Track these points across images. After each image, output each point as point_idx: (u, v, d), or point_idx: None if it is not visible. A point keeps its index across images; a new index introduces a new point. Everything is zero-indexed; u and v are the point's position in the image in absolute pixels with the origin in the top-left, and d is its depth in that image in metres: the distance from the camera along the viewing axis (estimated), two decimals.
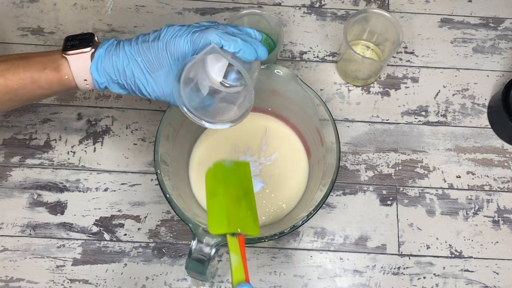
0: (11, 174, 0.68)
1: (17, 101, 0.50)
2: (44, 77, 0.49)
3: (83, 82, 0.50)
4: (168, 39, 0.47)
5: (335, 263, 0.65)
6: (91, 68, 0.49)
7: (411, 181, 0.69)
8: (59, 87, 0.50)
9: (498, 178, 0.70)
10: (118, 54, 0.48)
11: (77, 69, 0.49)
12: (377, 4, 0.80)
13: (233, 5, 0.79)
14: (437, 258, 0.66)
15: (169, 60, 0.47)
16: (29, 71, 0.48)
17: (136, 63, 0.48)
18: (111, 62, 0.48)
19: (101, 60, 0.49)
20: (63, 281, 0.63)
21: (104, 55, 0.49)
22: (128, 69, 0.48)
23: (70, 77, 0.49)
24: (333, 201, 0.68)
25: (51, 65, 0.49)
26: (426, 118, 0.73)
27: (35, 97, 0.51)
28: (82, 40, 0.49)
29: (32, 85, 0.49)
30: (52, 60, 0.49)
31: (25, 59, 0.49)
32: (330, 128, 0.57)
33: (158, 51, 0.47)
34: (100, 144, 0.70)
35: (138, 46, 0.48)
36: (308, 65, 0.76)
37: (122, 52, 0.48)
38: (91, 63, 0.48)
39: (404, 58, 0.77)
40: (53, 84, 0.49)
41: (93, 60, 0.49)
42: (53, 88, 0.50)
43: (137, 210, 0.67)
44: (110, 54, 0.48)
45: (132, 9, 0.79)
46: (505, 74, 0.76)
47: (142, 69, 0.48)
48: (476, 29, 0.79)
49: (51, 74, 0.49)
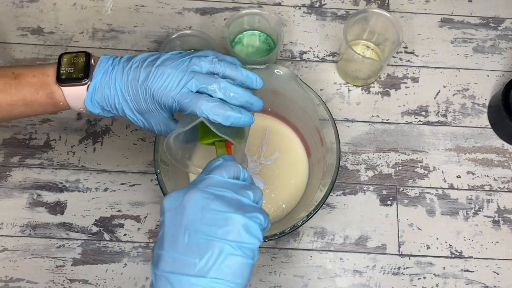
0: (11, 174, 0.68)
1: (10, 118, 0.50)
2: (37, 102, 0.48)
3: (78, 109, 0.49)
4: (156, 89, 0.45)
5: (335, 263, 0.65)
6: (86, 102, 0.48)
7: (411, 181, 0.69)
8: (53, 110, 0.49)
9: (498, 178, 0.70)
10: (109, 88, 0.47)
11: (73, 101, 0.48)
12: (377, 4, 0.80)
13: (233, 5, 0.79)
14: (437, 258, 0.66)
15: (156, 107, 0.46)
16: (21, 93, 0.47)
17: (126, 102, 0.47)
18: (103, 95, 0.47)
19: (95, 93, 0.47)
20: (63, 281, 0.63)
21: (98, 87, 0.47)
22: (118, 106, 0.47)
23: (64, 104, 0.49)
24: (333, 201, 0.68)
25: (45, 90, 0.47)
26: (426, 118, 0.73)
27: (28, 115, 0.50)
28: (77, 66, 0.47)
29: (25, 107, 0.48)
30: (46, 84, 0.47)
31: (17, 79, 0.47)
32: (330, 128, 0.57)
33: (146, 96, 0.46)
34: (100, 144, 0.70)
35: (128, 83, 0.46)
36: (308, 65, 0.76)
37: (113, 87, 0.47)
38: (85, 96, 0.47)
39: (404, 58, 0.77)
40: (46, 107, 0.49)
41: (87, 93, 0.47)
42: (46, 110, 0.49)
43: (137, 210, 0.67)
44: (102, 87, 0.47)
45: (132, 9, 0.79)
46: (505, 74, 0.76)
47: (132, 108, 0.47)
48: (476, 29, 0.79)
49: (45, 99, 0.48)
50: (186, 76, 0.45)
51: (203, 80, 0.45)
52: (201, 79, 0.45)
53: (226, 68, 0.46)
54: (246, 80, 0.47)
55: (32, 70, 0.48)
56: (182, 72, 0.45)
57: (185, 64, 0.45)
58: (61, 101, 0.48)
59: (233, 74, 0.46)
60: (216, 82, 0.45)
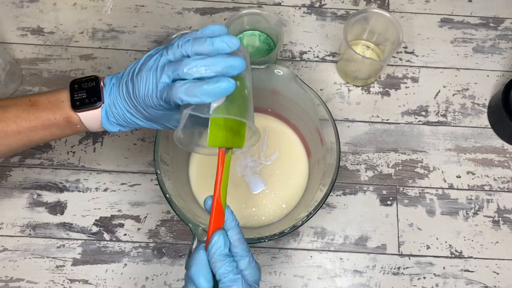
0: (11, 174, 0.68)
1: (30, 144, 0.51)
2: (56, 125, 0.49)
3: (97, 130, 0.51)
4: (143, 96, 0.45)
5: (335, 263, 0.65)
6: (103, 124, 0.49)
7: (411, 181, 0.69)
8: (71, 132, 0.50)
9: (498, 178, 0.70)
10: (115, 106, 0.48)
11: (90, 123, 0.49)
12: (377, 4, 0.80)
13: (233, 5, 0.79)
14: (437, 258, 0.66)
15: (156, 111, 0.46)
16: (39, 119, 0.48)
17: (132, 115, 0.48)
18: (114, 114, 0.48)
19: (108, 115, 0.49)
20: (63, 281, 0.63)
21: (108, 108, 0.49)
22: (130, 120, 0.48)
23: (82, 127, 0.50)
24: (333, 201, 0.68)
25: (61, 115, 0.49)
26: (426, 118, 0.73)
27: (48, 140, 0.51)
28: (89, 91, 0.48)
29: (44, 131, 0.49)
30: (62, 109, 0.49)
31: (34, 106, 0.49)
32: (330, 128, 0.57)
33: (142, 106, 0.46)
34: (100, 144, 0.70)
35: (125, 99, 0.47)
36: (308, 65, 0.76)
37: (118, 105, 0.48)
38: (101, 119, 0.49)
39: (404, 58, 0.77)
40: (65, 130, 0.50)
41: (102, 115, 0.49)
42: (65, 133, 0.50)
43: (137, 210, 0.67)
44: (111, 107, 0.48)
45: (132, 9, 0.79)
46: (505, 74, 0.76)
47: (139, 118, 0.48)
48: (476, 29, 0.79)
49: (63, 123, 0.49)
50: (159, 71, 0.45)
51: (173, 67, 0.44)
52: (171, 68, 0.44)
53: (194, 45, 0.45)
54: (219, 46, 0.45)
55: (47, 97, 0.49)
56: (155, 70, 0.45)
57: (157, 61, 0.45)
58: (78, 123, 0.49)
59: (203, 48, 0.44)
60: (184, 65, 0.44)
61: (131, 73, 0.47)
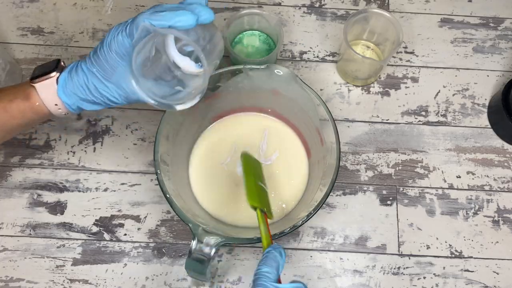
0: (11, 174, 0.68)
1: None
2: (16, 106, 0.50)
3: (54, 107, 0.51)
4: (110, 41, 0.46)
5: (335, 263, 0.65)
6: (58, 92, 0.49)
7: (411, 181, 0.69)
8: (32, 115, 0.51)
9: (498, 178, 0.70)
10: (78, 72, 0.49)
11: (46, 95, 0.50)
12: (377, 4, 0.80)
13: (233, 5, 0.79)
14: (437, 258, 0.66)
15: (117, 60, 0.47)
16: (1, 101, 0.50)
17: (94, 75, 0.48)
18: (74, 81, 0.49)
19: (66, 82, 0.49)
20: (63, 281, 0.63)
21: (67, 76, 0.49)
22: (89, 84, 0.48)
23: (41, 104, 0.50)
24: (333, 201, 0.68)
25: (21, 94, 0.50)
26: (426, 118, 0.73)
27: (12, 128, 0.52)
28: (47, 67, 0.50)
29: (5, 114, 0.50)
30: (22, 89, 0.50)
31: (0, 91, 0.50)
32: (330, 128, 0.57)
33: (106, 55, 0.47)
34: (100, 144, 0.70)
35: (91, 59, 0.48)
36: (308, 65, 0.76)
37: (80, 68, 0.49)
38: (57, 87, 0.49)
39: (404, 58, 0.77)
40: (26, 113, 0.50)
41: (58, 85, 0.49)
42: (26, 116, 0.51)
43: (137, 210, 0.67)
44: (72, 74, 0.49)
45: (132, 9, 0.79)
46: (505, 74, 0.76)
47: (100, 78, 0.48)
48: (476, 29, 0.79)
49: (22, 103, 0.50)
50: (131, 19, 0.46)
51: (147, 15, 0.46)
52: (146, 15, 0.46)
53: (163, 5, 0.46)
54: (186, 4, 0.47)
55: (12, 85, 0.52)
56: (127, 21, 0.47)
57: (128, 20, 0.47)
58: (37, 100, 0.50)
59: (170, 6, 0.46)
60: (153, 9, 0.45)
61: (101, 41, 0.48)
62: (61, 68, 0.50)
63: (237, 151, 0.66)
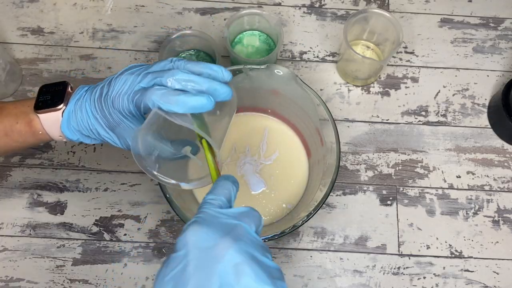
0: (11, 174, 0.68)
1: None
2: (17, 131, 0.48)
3: (58, 137, 0.49)
4: (114, 97, 0.44)
5: (335, 263, 0.65)
6: (62, 127, 0.47)
7: (411, 181, 0.69)
8: (34, 141, 0.49)
9: (498, 178, 0.70)
10: (82, 110, 0.46)
11: (50, 127, 0.48)
12: (377, 4, 0.80)
13: (233, 5, 0.79)
14: (437, 258, 0.66)
15: (121, 117, 0.45)
16: (2, 124, 0.48)
17: (97, 121, 0.46)
18: (78, 119, 0.47)
19: (70, 118, 0.47)
20: (63, 281, 0.63)
21: (72, 112, 0.47)
22: (92, 128, 0.47)
23: (43, 133, 0.49)
24: (333, 201, 0.68)
25: (24, 119, 0.48)
26: (426, 118, 0.73)
27: (11, 149, 0.50)
28: (54, 94, 0.48)
29: (6, 138, 0.48)
30: (25, 113, 0.48)
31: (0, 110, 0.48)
32: (330, 128, 0.57)
33: (109, 108, 0.45)
34: (100, 144, 0.70)
35: (95, 103, 0.46)
36: (308, 65, 0.76)
37: (84, 109, 0.46)
38: (61, 122, 0.47)
39: (404, 58, 0.77)
40: (27, 138, 0.49)
41: (62, 119, 0.47)
42: (27, 141, 0.49)
43: (137, 210, 0.67)
44: (76, 111, 0.47)
45: (132, 9, 0.79)
46: (505, 74, 0.76)
47: (103, 126, 0.46)
48: (476, 29, 0.79)
49: (24, 128, 0.48)
50: (141, 76, 0.43)
51: (157, 74, 0.42)
52: (155, 74, 0.42)
53: (188, 63, 0.43)
54: (212, 73, 0.43)
55: (15, 103, 0.49)
56: (137, 75, 0.43)
57: (143, 68, 0.44)
58: (40, 129, 0.48)
59: (196, 68, 0.43)
60: (170, 74, 0.42)
61: (110, 79, 0.46)
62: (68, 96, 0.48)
63: (237, 151, 0.67)
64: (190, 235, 0.35)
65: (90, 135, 0.48)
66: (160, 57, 0.68)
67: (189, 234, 0.35)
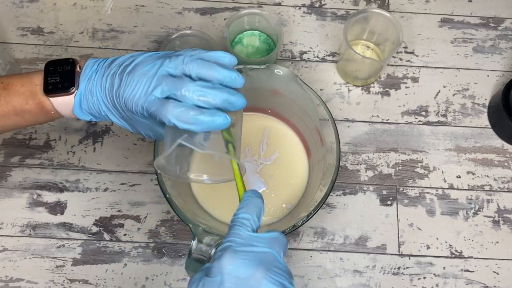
0: (11, 174, 0.68)
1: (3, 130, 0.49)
2: (28, 111, 0.47)
3: (71, 116, 0.49)
4: (126, 98, 0.43)
5: (335, 263, 0.65)
6: (75, 110, 0.47)
7: (411, 181, 0.69)
8: (46, 119, 0.49)
9: (498, 178, 0.70)
10: (92, 95, 0.46)
11: (62, 109, 0.47)
12: (377, 4, 0.80)
13: (233, 5, 0.79)
14: (437, 258, 0.66)
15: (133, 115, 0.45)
16: (11, 103, 0.46)
17: (109, 110, 0.46)
18: (88, 103, 0.46)
19: (81, 102, 0.46)
20: (63, 281, 0.63)
21: (83, 96, 0.46)
22: (103, 113, 0.47)
23: (55, 113, 0.48)
24: (333, 201, 0.68)
25: (34, 100, 0.46)
26: (426, 118, 0.73)
27: (22, 126, 0.49)
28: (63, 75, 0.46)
29: (16, 117, 0.47)
30: (34, 94, 0.46)
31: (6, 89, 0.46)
32: (330, 128, 0.57)
33: (122, 107, 0.44)
34: (100, 144, 0.70)
35: (106, 91, 0.45)
36: (308, 65, 0.76)
37: (95, 94, 0.46)
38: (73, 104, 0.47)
39: (404, 58, 0.77)
40: (38, 118, 0.48)
41: (75, 102, 0.46)
42: (39, 120, 0.48)
43: (137, 210, 0.67)
44: (87, 94, 0.46)
45: (132, 9, 0.79)
46: (505, 74, 0.76)
47: (115, 115, 0.46)
48: (476, 29, 0.79)
49: (35, 109, 0.47)
50: (154, 81, 0.42)
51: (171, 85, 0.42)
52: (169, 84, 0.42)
53: (200, 68, 0.43)
54: (224, 79, 0.43)
55: (21, 79, 0.47)
56: (150, 78, 0.43)
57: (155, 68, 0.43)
58: (52, 110, 0.47)
59: (208, 74, 0.43)
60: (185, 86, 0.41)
61: (122, 67, 0.44)
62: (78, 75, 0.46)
63: None
64: (226, 264, 0.37)
65: (102, 117, 0.48)
66: None
67: (225, 263, 0.37)
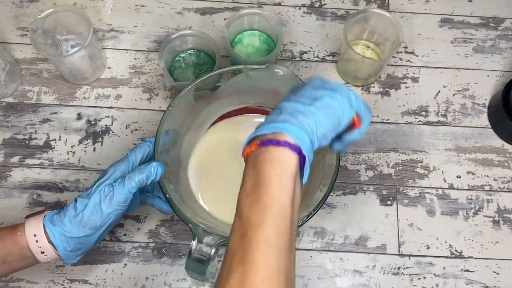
0: (10, 174, 0.68)
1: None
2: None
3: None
4: (88, 217, 0.53)
5: (335, 263, 0.65)
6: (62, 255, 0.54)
7: (411, 181, 0.69)
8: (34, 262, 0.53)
9: (498, 178, 0.70)
10: (68, 242, 0.53)
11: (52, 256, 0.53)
12: (377, 4, 0.80)
13: (233, 5, 0.79)
14: (437, 258, 0.66)
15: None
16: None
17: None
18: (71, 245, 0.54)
19: (65, 248, 0.53)
20: (63, 281, 0.63)
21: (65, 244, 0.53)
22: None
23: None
24: (333, 201, 0.68)
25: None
26: (426, 118, 0.73)
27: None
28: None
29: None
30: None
31: None
32: None
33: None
34: (100, 144, 0.70)
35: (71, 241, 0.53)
36: (308, 65, 0.76)
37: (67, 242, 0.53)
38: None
39: (404, 58, 0.77)
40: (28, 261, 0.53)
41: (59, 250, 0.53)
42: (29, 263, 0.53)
43: (137, 210, 0.67)
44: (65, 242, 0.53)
45: (132, 9, 0.79)
46: (505, 74, 0.76)
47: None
48: (476, 29, 0.79)
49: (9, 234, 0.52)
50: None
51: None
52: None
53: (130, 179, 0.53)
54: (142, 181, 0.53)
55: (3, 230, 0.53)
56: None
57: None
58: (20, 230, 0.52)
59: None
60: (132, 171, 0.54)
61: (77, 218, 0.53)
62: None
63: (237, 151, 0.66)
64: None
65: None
66: (160, 57, 0.68)
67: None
